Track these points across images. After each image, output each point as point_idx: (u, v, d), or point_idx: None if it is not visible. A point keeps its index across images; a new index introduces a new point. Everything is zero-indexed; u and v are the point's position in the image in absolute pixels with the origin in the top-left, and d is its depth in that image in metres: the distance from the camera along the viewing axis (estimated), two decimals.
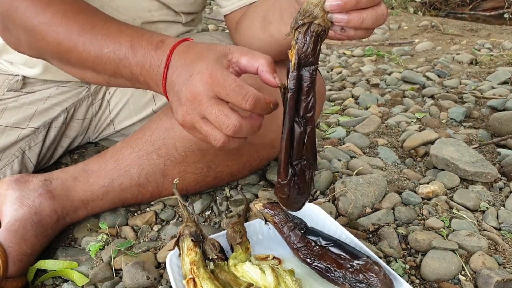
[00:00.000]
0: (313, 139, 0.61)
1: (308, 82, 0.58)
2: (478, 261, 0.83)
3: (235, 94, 0.60)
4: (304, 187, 0.64)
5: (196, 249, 0.73)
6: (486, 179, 1.12)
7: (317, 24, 0.56)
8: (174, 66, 0.65)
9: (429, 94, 1.78)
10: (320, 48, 0.58)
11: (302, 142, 0.61)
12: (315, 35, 0.56)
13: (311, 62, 0.57)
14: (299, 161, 0.62)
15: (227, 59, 0.64)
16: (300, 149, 0.61)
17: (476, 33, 2.89)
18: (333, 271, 0.71)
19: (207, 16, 3.18)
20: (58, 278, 0.82)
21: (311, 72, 0.58)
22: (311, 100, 0.59)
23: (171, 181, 0.90)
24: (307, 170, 0.63)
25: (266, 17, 0.83)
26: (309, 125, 0.60)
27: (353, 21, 0.56)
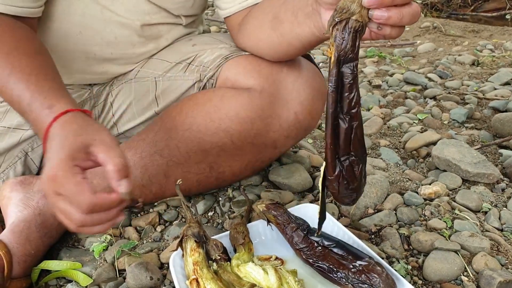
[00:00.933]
0: (360, 134, 0.62)
1: (350, 79, 0.58)
2: (480, 262, 0.83)
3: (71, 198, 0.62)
4: (353, 182, 0.64)
5: (199, 249, 0.73)
6: (488, 180, 1.12)
7: (354, 20, 0.56)
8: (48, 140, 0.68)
9: (431, 95, 1.78)
10: (359, 44, 0.58)
11: (348, 138, 0.61)
12: (353, 31, 0.56)
13: (351, 58, 0.57)
14: (347, 156, 0.62)
15: (87, 150, 0.65)
16: (347, 145, 0.62)
17: (478, 34, 2.88)
18: (335, 271, 0.72)
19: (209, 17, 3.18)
20: (62, 279, 0.83)
21: (352, 69, 0.58)
22: (354, 96, 0.59)
23: (174, 182, 0.90)
24: (356, 165, 0.63)
25: (277, 16, 0.83)
26: (354, 121, 0.60)
27: (393, 18, 0.56)
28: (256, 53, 0.94)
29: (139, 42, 1.03)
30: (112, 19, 0.97)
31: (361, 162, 0.63)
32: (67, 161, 0.62)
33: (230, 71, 0.95)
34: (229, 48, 1.00)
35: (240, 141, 0.92)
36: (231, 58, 0.96)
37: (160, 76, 1.03)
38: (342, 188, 0.64)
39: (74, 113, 0.70)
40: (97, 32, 0.97)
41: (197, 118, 0.91)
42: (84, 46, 0.99)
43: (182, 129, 0.91)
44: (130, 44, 1.02)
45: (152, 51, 1.07)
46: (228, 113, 0.90)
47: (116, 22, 0.97)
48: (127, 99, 1.08)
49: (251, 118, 0.90)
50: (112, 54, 1.02)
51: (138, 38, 1.02)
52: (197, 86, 0.99)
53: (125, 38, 1.00)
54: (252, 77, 0.92)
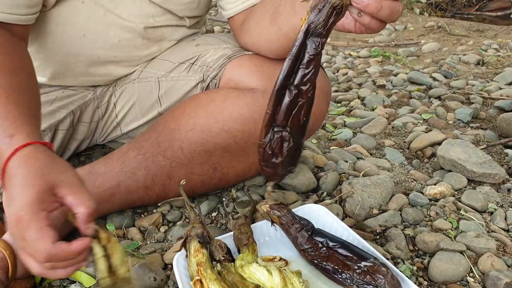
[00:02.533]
0: (304, 114, 0.60)
1: (311, 53, 0.57)
2: (486, 262, 0.82)
3: (29, 247, 0.59)
4: (277, 156, 0.62)
5: (203, 250, 0.73)
6: (494, 180, 1.11)
7: None
8: (7, 177, 0.63)
9: (435, 95, 1.77)
10: (332, 23, 0.57)
11: (288, 112, 0.60)
12: (331, 7, 0.56)
13: (319, 33, 0.57)
14: (281, 129, 0.61)
15: (53, 192, 0.61)
16: (285, 118, 0.60)
17: (483, 33, 2.87)
18: (340, 272, 0.71)
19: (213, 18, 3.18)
20: (66, 279, 0.83)
21: (317, 44, 0.57)
22: (310, 72, 0.58)
23: (178, 183, 0.90)
24: (286, 141, 0.61)
25: (276, 11, 0.83)
26: (301, 98, 0.59)
27: (371, 6, 0.56)
28: (257, 50, 0.94)
29: (143, 45, 1.03)
30: (116, 23, 0.97)
31: (294, 141, 0.62)
32: (34, 205, 0.58)
33: (233, 71, 0.95)
34: (232, 48, 0.99)
35: (243, 141, 0.92)
36: (234, 58, 0.96)
37: (163, 77, 1.03)
38: (266, 156, 0.63)
39: (35, 146, 0.64)
40: (100, 35, 0.97)
41: (200, 118, 0.90)
42: (88, 49, 0.99)
43: (185, 129, 0.91)
44: (134, 47, 1.02)
45: (155, 53, 1.07)
46: (232, 114, 0.90)
47: (120, 26, 0.97)
48: (130, 99, 1.08)
49: (254, 119, 0.90)
50: (116, 57, 1.02)
51: (141, 40, 1.02)
52: (200, 87, 0.99)
53: (128, 41, 1.00)
54: (256, 77, 0.92)
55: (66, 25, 0.95)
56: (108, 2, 0.94)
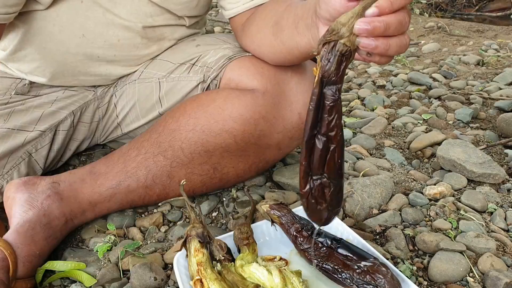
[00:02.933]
0: (338, 158, 0.61)
1: (330, 101, 0.58)
2: (486, 262, 0.82)
3: None
4: (321, 203, 0.63)
5: (203, 250, 0.73)
6: (494, 180, 1.11)
7: (342, 44, 0.55)
8: None
9: (435, 95, 1.77)
10: (344, 68, 0.57)
11: (322, 159, 0.61)
12: (340, 55, 0.56)
13: (334, 81, 0.57)
14: (319, 177, 0.62)
15: None
16: (320, 166, 0.61)
17: (483, 34, 2.87)
18: (340, 272, 0.71)
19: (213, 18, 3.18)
20: (66, 279, 0.83)
21: (334, 92, 0.57)
22: (333, 119, 0.58)
23: (178, 183, 0.90)
24: (327, 187, 0.62)
25: (279, 23, 0.83)
26: (332, 144, 0.60)
27: (380, 48, 0.56)
28: (258, 56, 0.94)
29: (142, 44, 1.03)
30: (115, 22, 0.97)
31: (334, 185, 0.62)
32: None
33: (234, 72, 0.95)
34: (233, 49, 1.00)
35: (243, 142, 0.92)
36: (235, 58, 0.96)
37: (164, 77, 1.03)
38: (310, 205, 0.64)
39: None
40: (99, 35, 0.97)
41: (200, 119, 0.91)
42: (87, 49, 0.99)
43: (186, 130, 0.91)
44: (133, 46, 1.02)
45: (155, 52, 1.07)
46: (232, 114, 0.90)
47: (119, 25, 0.97)
48: (131, 100, 1.08)
49: (254, 119, 0.90)
50: (115, 56, 1.02)
51: (141, 40, 1.02)
52: (200, 87, 0.99)
53: (128, 41, 1.00)
54: (256, 78, 0.92)
55: (65, 25, 0.95)
56: (106, 1, 0.94)
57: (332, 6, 0.60)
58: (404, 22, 0.56)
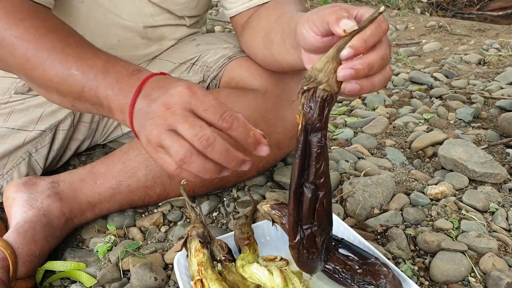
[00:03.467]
0: (327, 205, 0.60)
1: (316, 149, 0.57)
2: (488, 262, 0.82)
3: (214, 110, 0.56)
4: (313, 253, 0.62)
5: (204, 250, 0.73)
6: (495, 180, 1.11)
7: (322, 89, 0.55)
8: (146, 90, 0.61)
9: (437, 94, 1.77)
10: (328, 113, 0.56)
11: (312, 208, 0.59)
12: (321, 100, 0.55)
13: (318, 127, 0.56)
14: (310, 226, 0.60)
15: None
16: (310, 214, 0.60)
17: (484, 33, 2.86)
18: (341, 272, 0.71)
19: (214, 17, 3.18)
20: (66, 279, 0.83)
21: (320, 138, 0.56)
22: (321, 166, 0.57)
23: (178, 183, 0.90)
24: (318, 236, 0.61)
25: (269, 35, 0.82)
26: (320, 191, 0.58)
27: (365, 89, 0.55)
28: (255, 61, 0.94)
29: (142, 44, 1.03)
30: (115, 22, 0.97)
31: (325, 233, 0.61)
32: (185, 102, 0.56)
33: (234, 72, 0.95)
34: (233, 49, 0.99)
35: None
36: (235, 58, 0.96)
37: None
38: (302, 256, 0.62)
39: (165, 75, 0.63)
40: (100, 35, 0.97)
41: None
42: None
43: None
44: (133, 46, 1.02)
45: (155, 52, 1.07)
46: None
47: (119, 25, 0.97)
48: None
49: (255, 119, 0.90)
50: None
51: (141, 40, 1.02)
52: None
53: (128, 41, 1.00)
54: (256, 78, 0.92)
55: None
56: (107, 1, 0.94)
57: (308, 41, 0.61)
58: (385, 57, 0.55)
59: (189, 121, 0.56)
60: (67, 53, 0.68)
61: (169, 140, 0.56)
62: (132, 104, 0.61)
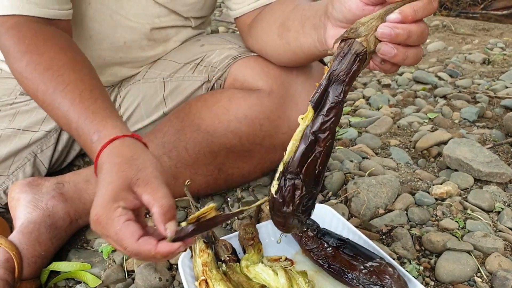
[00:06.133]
0: (320, 165, 0.57)
1: (332, 101, 0.55)
2: (494, 262, 0.81)
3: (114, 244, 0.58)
4: (288, 205, 0.58)
5: (208, 250, 0.72)
6: (501, 180, 1.10)
7: (359, 43, 0.54)
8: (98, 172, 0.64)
9: (441, 94, 1.76)
10: (356, 71, 0.55)
11: (303, 159, 0.56)
12: (354, 54, 0.54)
13: (342, 80, 0.54)
14: (294, 176, 0.57)
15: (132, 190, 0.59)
16: (299, 165, 0.57)
17: (488, 32, 2.85)
18: (346, 272, 0.71)
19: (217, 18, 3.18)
20: (71, 280, 0.83)
21: (339, 92, 0.54)
22: (329, 121, 0.55)
23: (182, 184, 0.90)
24: (299, 190, 0.57)
25: (285, 24, 0.82)
26: (319, 146, 0.56)
27: (398, 56, 0.55)
28: (264, 56, 0.94)
29: (148, 46, 1.03)
30: (122, 24, 0.97)
31: (307, 191, 0.58)
32: (109, 203, 0.57)
33: (239, 72, 0.95)
34: (238, 49, 0.99)
35: (248, 142, 0.91)
36: (240, 58, 0.96)
37: (168, 77, 1.03)
38: (277, 204, 0.59)
39: (121, 141, 0.64)
40: (106, 36, 0.97)
41: (205, 119, 0.90)
42: (94, 51, 0.99)
43: (190, 130, 0.91)
44: (139, 48, 1.02)
45: (160, 54, 1.07)
46: (237, 115, 0.89)
47: (126, 26, 0.97)
48: (136, 100, 1.08)
49: (259, 120, 0.90)
50: (121, 58, 1.02)
51: (147, 41, 1.02)
52: (205, 87, 0.99)
53: (134, 43, 1.00)
54: (261, 78, 0.92)
55: (73, 26, 0.95)
56: (114, 3, 0.94)
57: (348, 6, 0.59)
58: (425, 33, 0.55)
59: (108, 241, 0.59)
60: (55, 97, 0.72)
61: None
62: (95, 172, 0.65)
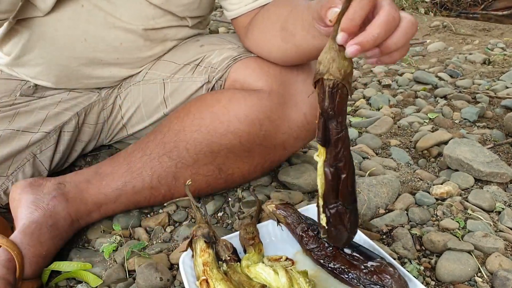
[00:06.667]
0: (350, 185, 0.63)
1: (334, 134, 0.60)
2: (494, 262, 0.81)
3: None
4: (342, 229, 0.66)
5: (209, 250, 0.73)
6: (501, 180, 1.11)
7: (326, 79, 0.57)
8: None
9: (441, 94, 1.76)
10: (341, 101, 0.58)
11: (334, 189, 0.63)
12: (329, 90, 0.57)
13: (332, 115, 0.59)
14: (335, 205, 0.64)
15: None
16: (334, 195, 0.63)
17: (489, 32, 2.85)
18: (346, 272, 0.71)
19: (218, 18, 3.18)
20: (72, 280, 0.83)
21: (336, 125, 0.60)
22: (340, 151, 0.61)
23: (183, 184, 0.90)
24: (344, 213, 0.65)
25: (286, 28, 0.82)
26: (342, 173, 0.62)
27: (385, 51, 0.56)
28: (266, 58, 0.94)
29: (145, 46, 1.03)
30: (116, 25, 0.97)
31: (349, 210, 0.65)
32: None
33: (239, 73, 0.95)
34: (237, 49, 0.99)
35: (249, 142, 0.92)
36: (240, 59, 0.96)
37: (168, 78, 1.03)
38: (332, 235, 0.67)
39: None
40: (101, 38, 0.97)
41: (205, 119, 0.90)
42: (90, 53, 0.99)
43: (191, 130, 0.91)
44: (136, 48, 1.02)
45: (158, 53, 1.07)
46: (237, 115, 0.89)
47: (121, 28, 0.97)
48: (136, 101, 1.08)
49: (260, 120, 0.90)
50: (119, 59, 1.03)
51: (143, 42, 1.02)
52: (205, 88, 0.99)
53: (130, 43, 1.00)
54: (261, 78, 0.92)
55: (67, 30, 0.95)
56: (107, 5, 0.94)
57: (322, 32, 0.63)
58: (389, 19, 0.55)
59: None
60: None
61: None
62: None
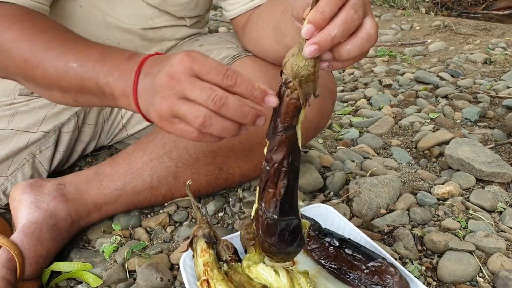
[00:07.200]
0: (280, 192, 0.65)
1: (271, 132, 0.62)
2: (496, 262, 0.81)
3: (216, 71, 0.56)
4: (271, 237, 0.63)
5: (210, 250, 0.72)
6: (502, 180, 1.10)
7: (283, 73, 0.57)
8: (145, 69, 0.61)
9: (442, 94, 1.76)
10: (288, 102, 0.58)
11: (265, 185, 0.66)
12: (281, 83, 0.58)
13: (278, 112, 0.60)
14: None
15: None
16: None
17: (490, 32, 2.85)
18: (348, 272, 0.71)
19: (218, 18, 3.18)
20: (73, 280, 0.83)
21: (276, 123, 0.61)
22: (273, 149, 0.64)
23: (183, 184, 0.90)
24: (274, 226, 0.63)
25: (278, 29, 0.82)
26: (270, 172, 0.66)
27: (340, 56, 0.55)
28: (264, 58, 0.94)
29: (143, 46, 1.03)
30: (115, 25, 0.97)
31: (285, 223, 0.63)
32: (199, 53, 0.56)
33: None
34: (236, 48, 0.99)
35: (248, 141, 0.91)
36: (239, 58, 0.96)
37: None
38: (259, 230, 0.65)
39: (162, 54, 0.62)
40: (100, 38, 0.97)
41: None
42: None
43: None
44: (134, 48, 1.02)
45: None
46: None
47: (119, 28, 0.97)
48: None
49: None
50: None
51: (141, 42, 1.02)
52: None
53: (128, 43, 1.00)
54: (260, 77, 0.92)
55: None
56: (105, 5, 0.94)
57: None
58: (348, 19, 0.53)
59: (198, 86, 0.55)
60: (63, 48, 0.69)
61: (184, 108, 0.56)
62: (134, 86, 0.61)
